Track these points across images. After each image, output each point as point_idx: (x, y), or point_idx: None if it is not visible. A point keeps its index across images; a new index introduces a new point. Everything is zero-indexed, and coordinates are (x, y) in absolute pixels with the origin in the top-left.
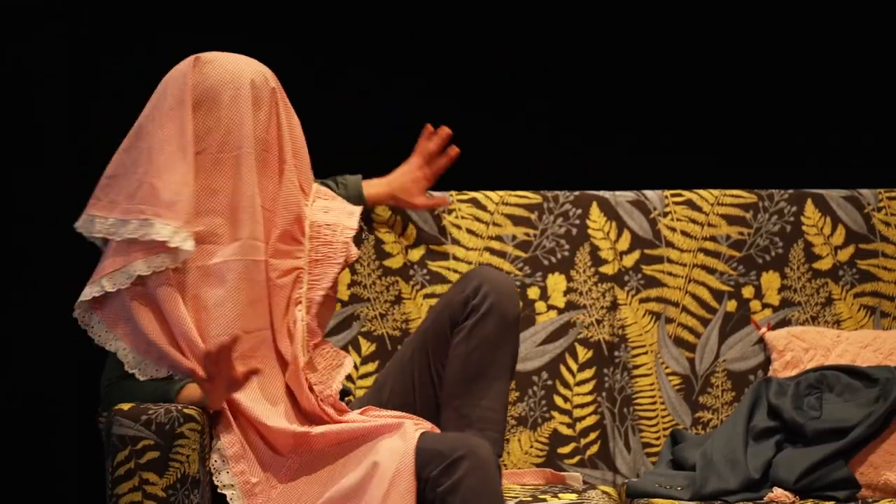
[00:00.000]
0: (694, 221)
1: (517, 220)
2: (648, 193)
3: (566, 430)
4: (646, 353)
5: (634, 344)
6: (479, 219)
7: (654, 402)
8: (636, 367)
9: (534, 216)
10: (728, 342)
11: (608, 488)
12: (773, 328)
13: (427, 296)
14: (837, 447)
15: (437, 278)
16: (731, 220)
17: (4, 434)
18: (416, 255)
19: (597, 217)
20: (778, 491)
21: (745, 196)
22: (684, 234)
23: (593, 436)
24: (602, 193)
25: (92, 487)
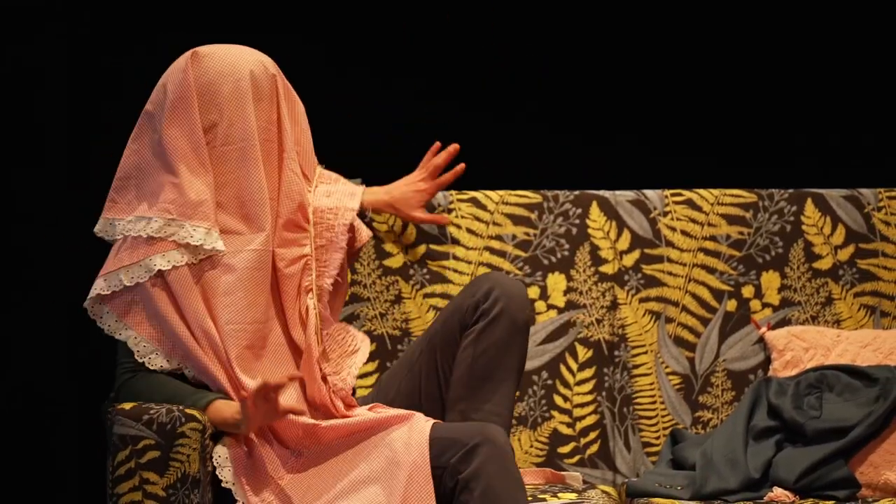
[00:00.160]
0: (694, 221)
1: (517, 220)
2: (648, 193)
3: (566, 430)
4: (646, 352)
5: (634, 343)
6: (479, 218)
7: (654, 402)
8: (636, 366)
9: (534, 216)
10: (728, 342)
11: (608, 488)
12: (773, 328)
13: (427, 295)
14: (837, 447)
15: (437, 278)
16: (731, 219)
17: (4, 434)
18: (415, 254)
19: (597, 216)
20: (778, 490)
21: (745, 196)
22: (684, 233)
23: (593, 435)
24: (602, 193)
25: (92, 487)
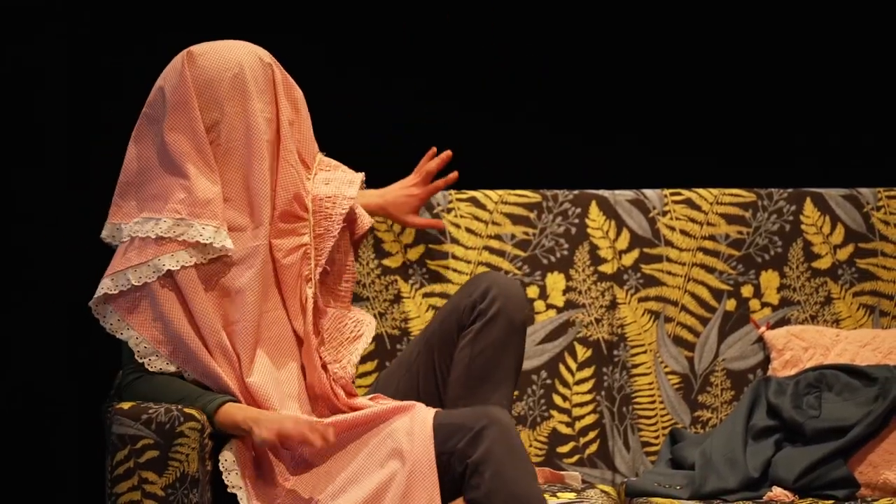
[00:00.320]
0: (693, 220)
1: (516, 219)
2: (648, 192)
3: (565, 430)
4: (645, 352)
5: (633, 343)
6: (478, 218)
7: (654, 401)
8: (635, 366)
9: (533, 215)
10: (727, 341)
11: (607, 487)
12: (773, 327)
13: (426, 294)
14: (836, 446)
15: (436, 277)
16: (730, 219)
17: (4, 434)
18: (415, 254)
19: (596, 216)
20: (777, 490)
21: (745, 195)
22: (683, 233)
23: (592, 435)
24: (601, 192)
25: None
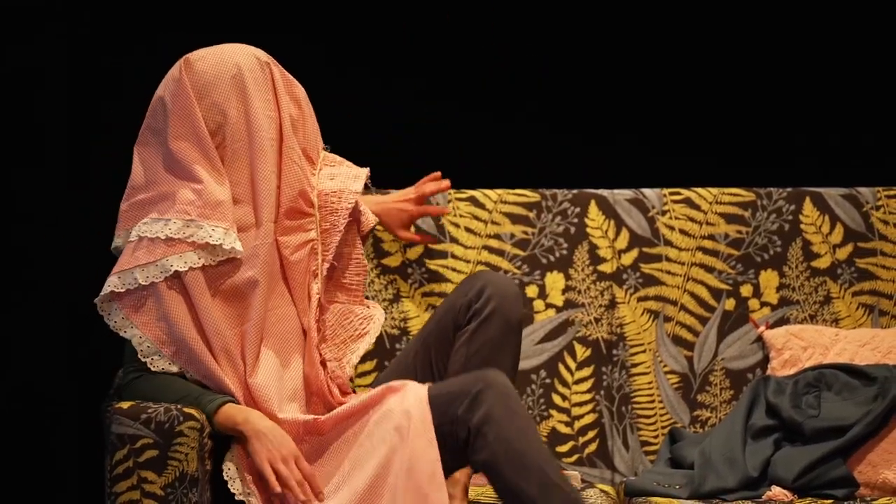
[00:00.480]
0: (692, 220)
1: (515, 219)
2: (647, 192)
3: (564, 429)
4: (644, 351)
5: (633, 342)
6: (477, 217)
7: (653, 401)
8: (634, 365)
9: (532, 214)
10: (726, 341)
11: (607, 487)
12: (772, 327)
13: (425, 294)
14: (836, 446)
15: (436, 277)
16: (729, 218)
17: (4, 434)
18: (414, 253)
19: (595, 215)
20: (776, 489)
21: (744, 194)
22: (683, 232)
23: (591, 434)
24: (600, 192)
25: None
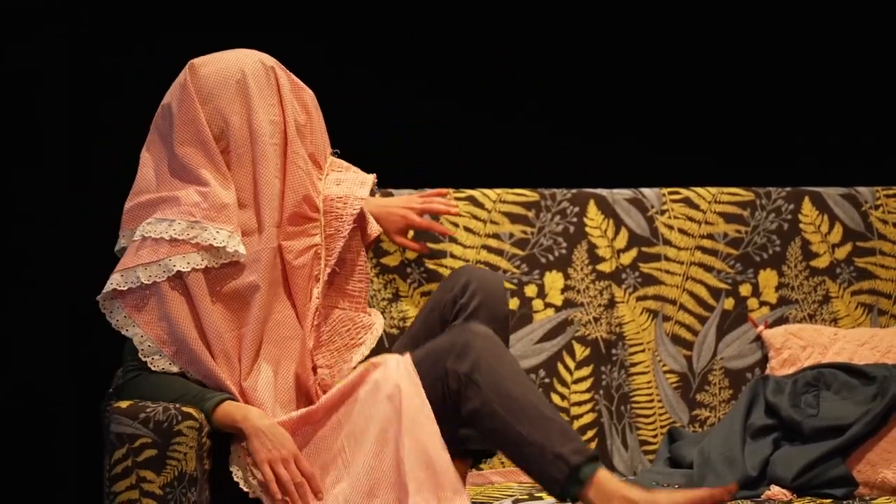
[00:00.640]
0: (691, 219)
1: (514, 218)
2: (646, 191)
3: None
4: (643, 350)
5: (632, 342)
6: (476, 216)
7: (652, 400)
8: (633, 364)
9: (531, 214)
10: (725, 340)
11: None
12: (771, 326)
13: (424, 294)
14: (835, 445)
15: (435, 276)
16: (728, 217)
17: (4, 434)
18: (413, 253)
19: (594, 215)
20: (775, 489)
21: (743, 194)
22: (682, 231)
23: (591, 434)
24: (599, 191)
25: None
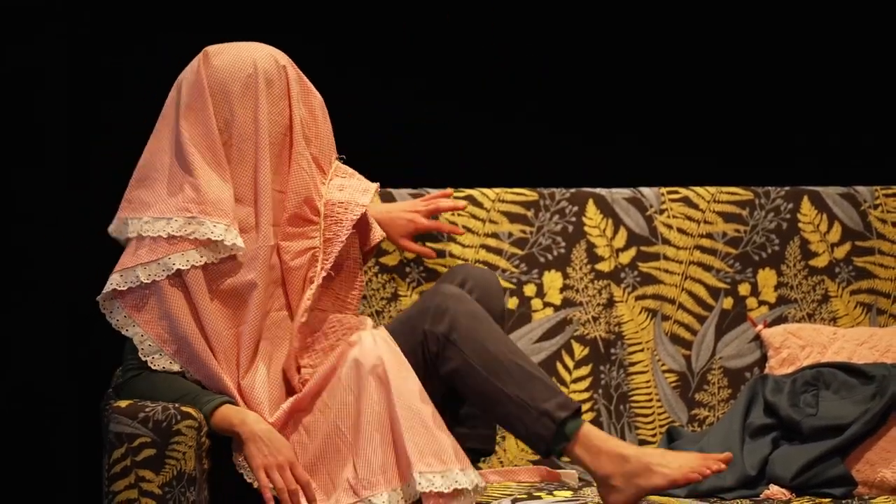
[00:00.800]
0: (690, 219)
1: (513, 217)
2: (645, 190)
3: None
4: (642, 350)
5: (631, 341)
6: (475, 216)
7: (651, 400)
8: (632, 364)
9: (530, 213)
10: (724, 339)
11: None
12: (770, 325)
13: (423, 293)
14: (834, 444)
15: (433, 276)
16: (727, 217)
17: (4, 434)
18: (411, 253)
19: (593, 214)
20: (774, 488)
21: (742, 193)
22: (681, 231)
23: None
24: (598, 190)
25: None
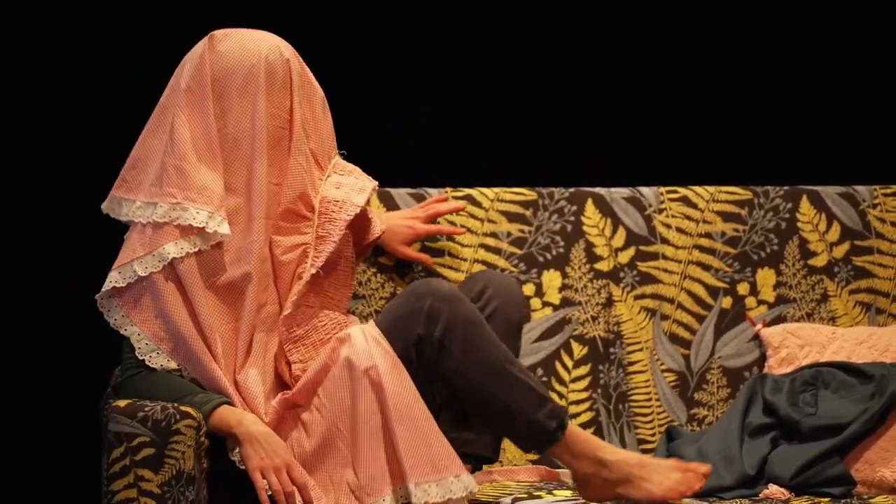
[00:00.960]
0: (689, 218)
1: (512, 217)
2: (644, 190)
3: None
4: (641, 349)
5: (630, 340)
6: (473, 215)
7: (650, 399)
8: (631, 363)
9: (529, 213)
10: (723, 339)
11: None
12: (769, 325)
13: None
14: (833, 444)
15: (432, 275)
16: (726, 216)
17: (4, 434)
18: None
19: (592, 213)
20: (773, 487)
21: (741, 193)
22: (679, 230)
23: (589, 432)
24: (597, 190)
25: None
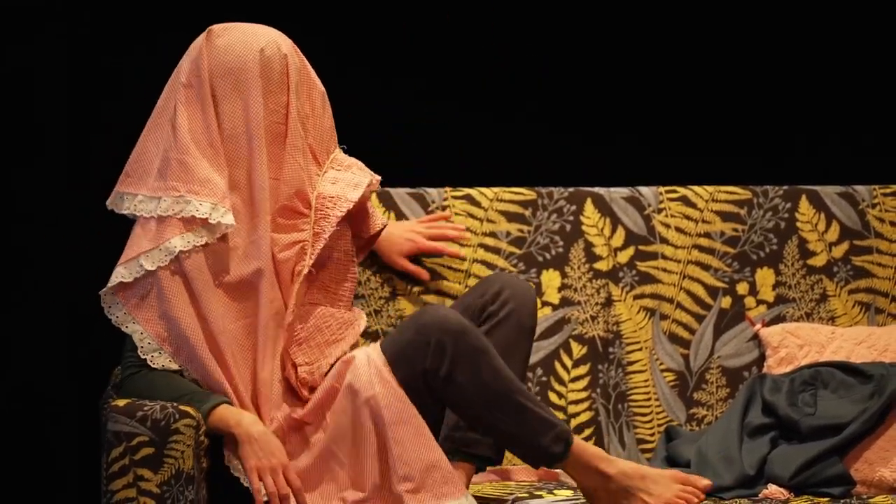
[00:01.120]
0: (688, 218)
1: (511, 217)
2: (643, 190)
3: None
4: (640, 349)
5: (629, 340)
6: (472, 215)
7: (649, 399)
8: (631, 363)
9: (528, 212)
10: (723, 338)
11: None
12: (768, 324)
13: (421, 292)
14: (832, 444)
15: (431, 275)
16: (725, 216)
17: (4, 434)
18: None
19: (591, 213)
20: (773, 487)
21: (740, 192)
22: (679, 230)
23: (588, 432)
24: (596, 190)
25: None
